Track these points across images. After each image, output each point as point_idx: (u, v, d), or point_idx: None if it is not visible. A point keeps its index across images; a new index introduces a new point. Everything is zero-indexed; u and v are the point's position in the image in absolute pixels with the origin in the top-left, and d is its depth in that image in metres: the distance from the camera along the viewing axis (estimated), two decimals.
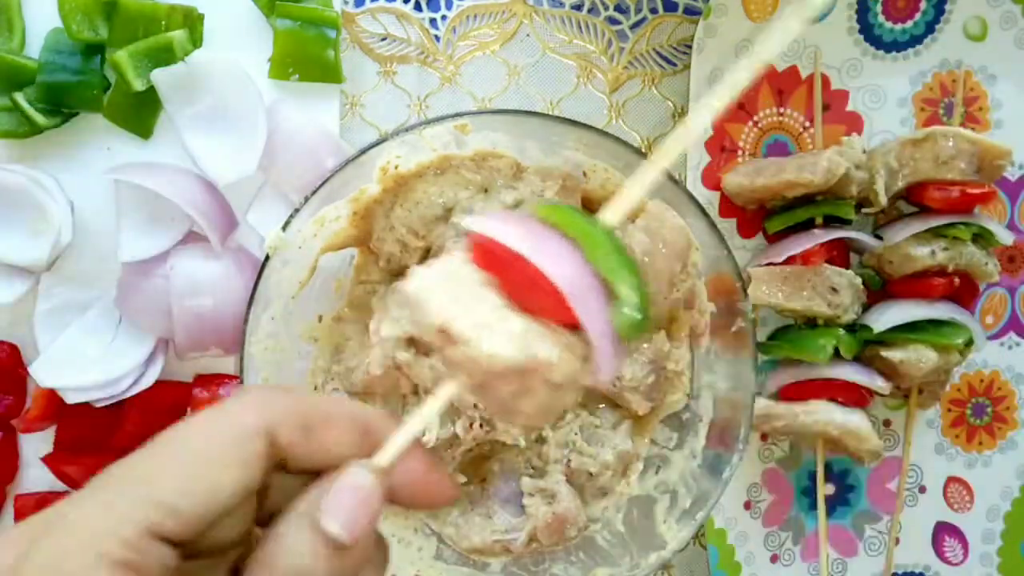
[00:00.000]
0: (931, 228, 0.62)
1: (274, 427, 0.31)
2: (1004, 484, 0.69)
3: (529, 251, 0.31)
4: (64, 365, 0.58)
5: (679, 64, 0.67)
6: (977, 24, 0.66)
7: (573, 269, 0.32)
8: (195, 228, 0.59)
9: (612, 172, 0.56)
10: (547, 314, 0.32)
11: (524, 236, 0.32)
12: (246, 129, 0.59)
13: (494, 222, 0.33)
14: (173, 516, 0.28)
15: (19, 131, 0.59)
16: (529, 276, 0.32)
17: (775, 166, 0.62)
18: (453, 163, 0.56)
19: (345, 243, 0.58)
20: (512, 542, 0.58)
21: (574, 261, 0.32)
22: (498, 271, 0.33)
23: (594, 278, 0.32)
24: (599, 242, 0.32)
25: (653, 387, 0.59)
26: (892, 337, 0.62)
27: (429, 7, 0.65)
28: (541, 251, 0.32)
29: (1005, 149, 0.61)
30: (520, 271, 0.32)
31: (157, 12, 0.60)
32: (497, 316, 0.32)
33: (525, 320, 0.32)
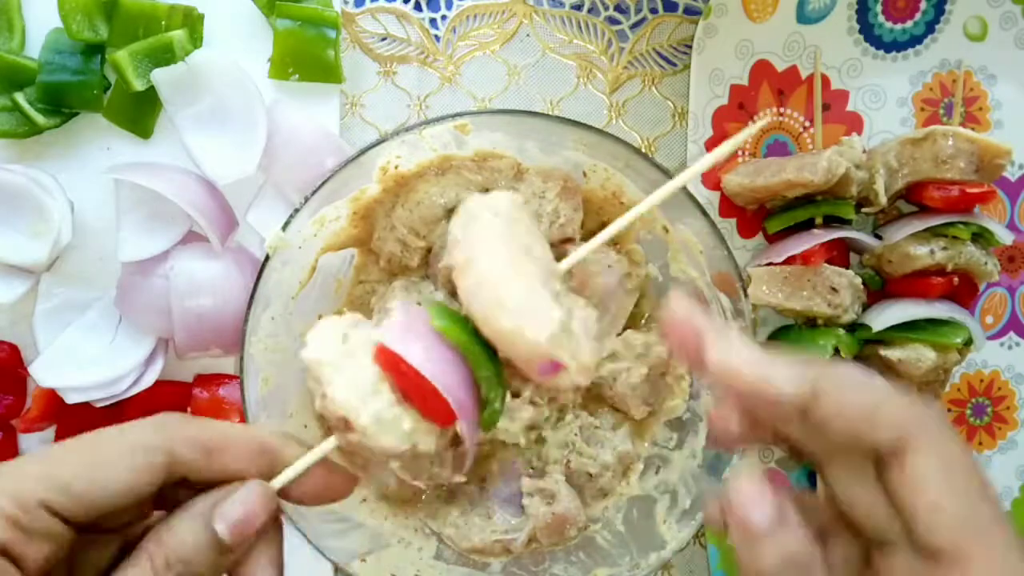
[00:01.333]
0: (930, 227, 0.62)
1: (174, 447, 0.37)
2: (1004, 484, 0.69)
3: (431, 374, 0.38)
4: (64, 365, 0.58)
5: (679, 64, 0.67)
6: (977, 24, 0.66)
7: (461, 386, 0.39)
8: (195, 228, 0.59)
9: (612, 172, 0.56)
10: (430, 414, 0.39)
11: (427, 357, 0.38)
12: (246, 129, 0.59)
13: (402, 338, 0.39)
14: (65, 495, 0.34)
15: (19, 131, 0.59)
16: (426, 389, 0.38)
17: (775, 166, 0.62)
18: (454, 163, 0.56)
19: (345, 243, 0.58)
20: (512, 542, 0.58)
21: (462, 378, 0.39)
22: (397, 375, 0.39)
23: (472, 387, 0.39)
24: (480, 360, 0.39)
25: (651, 393, 0.59)
26: (891, 336, 0.62)
27: (429, 7, 0.65)
28: (441, 374, 0.38)
29: (1004, 148, 0.61)
30: (417, 382, 0.38)
31: (157, 12, 0.60)
32: (392, 414, 0.38)
33: (413, 418, 0.39)
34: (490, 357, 0.39)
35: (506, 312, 0.37)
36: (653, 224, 0.57)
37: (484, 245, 0.39)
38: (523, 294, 0.38)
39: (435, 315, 0.39)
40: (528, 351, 0.38)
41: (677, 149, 0.67)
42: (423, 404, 0.38)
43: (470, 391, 0.39)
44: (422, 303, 0.42)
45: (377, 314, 0.56)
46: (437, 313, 0.39)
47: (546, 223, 0.55)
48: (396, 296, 0.56)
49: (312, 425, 0.58)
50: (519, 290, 0.38)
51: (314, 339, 0.40)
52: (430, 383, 0.38)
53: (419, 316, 0.40)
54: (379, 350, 0.39)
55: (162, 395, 0.60)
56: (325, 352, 0.39)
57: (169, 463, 0.37)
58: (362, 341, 0.40)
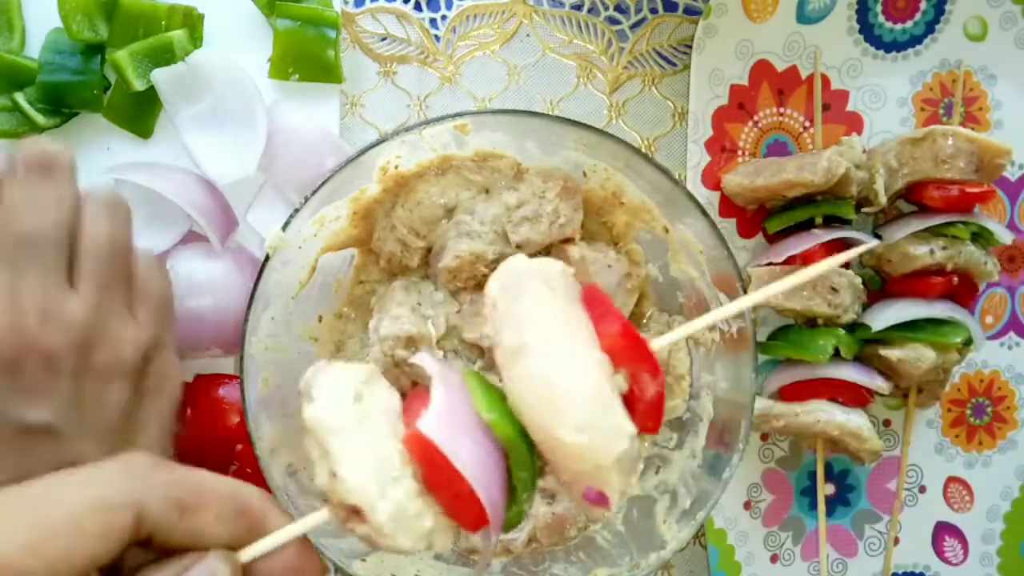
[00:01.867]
0: (930, 227, 0.62)
1: (145, 503, 0.31)
2: (1004, 484, 0.69)
3: (473, 477, 0.32)
4: None
5: (679, 64, 0.67)
6: (977, 24, 0.66)
7: (498, 489, 0.34)
8: (195, 228, 0.59)
9: (612, 172, 0.56)
10: (457, 516, 0.34)
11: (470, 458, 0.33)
12: (246, 128, 0.59)
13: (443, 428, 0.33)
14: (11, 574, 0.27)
15: (19, 131, 0.59)
16: (461, 490, 0.33)
17: (775, 166, 0.62)
18: (454, 163, 0.56)
19: (345, 243, 0.58)
20: (512, 542, 0.58)
21: (500, 479, 0.34)
22: (429, 467, 0.33)
23: (506, 488, 0.35)
24: (523, 459, 0.34)
25: None
26: (890, 336, 0.62)
27: (429, 7, 0.65)
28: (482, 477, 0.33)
29: (1004, 148, 0.61)
30: (452, 481, 0.33)
31: (157, 12, 0.60)
32: (414, 509, 0.33)
33: (435, 515, 0.34)
34: (532, 456, 0.35)
35: (572, 426, 0.32)
36: (653, 224, 0.57)
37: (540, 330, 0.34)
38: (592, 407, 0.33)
39: (483, 403, 0.34)
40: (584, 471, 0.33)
41: (677, 149, 0.67)
42: (451, 503, 0.34)
43: (503, 492, 0.35)
44: (463, 375, 0.37)
45: (377, 313, 0.56)
46: (487, 401, 0.34)
47: (546, 223, 0.55)
48: (396, 297, 0.56)
49: None
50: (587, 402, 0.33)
51: (321, 393, 0.34)
52: (469, 486, 0.33)
53: (460, 396, 0.35)
54: (415, 438, 0.33)
55: None
56: (335, 414, 0.33)
57: (137, 521, 0.30)
58: (380, 405, 0.35)
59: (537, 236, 0.55)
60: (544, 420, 0.33)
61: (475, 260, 0.55)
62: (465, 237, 0.55)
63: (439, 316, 0.56)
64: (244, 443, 0.58)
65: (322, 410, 0.33)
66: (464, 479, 0.33)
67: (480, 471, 0.33)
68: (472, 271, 0.56)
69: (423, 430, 0.33)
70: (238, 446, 0.59)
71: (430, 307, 0.56)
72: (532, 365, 0.33)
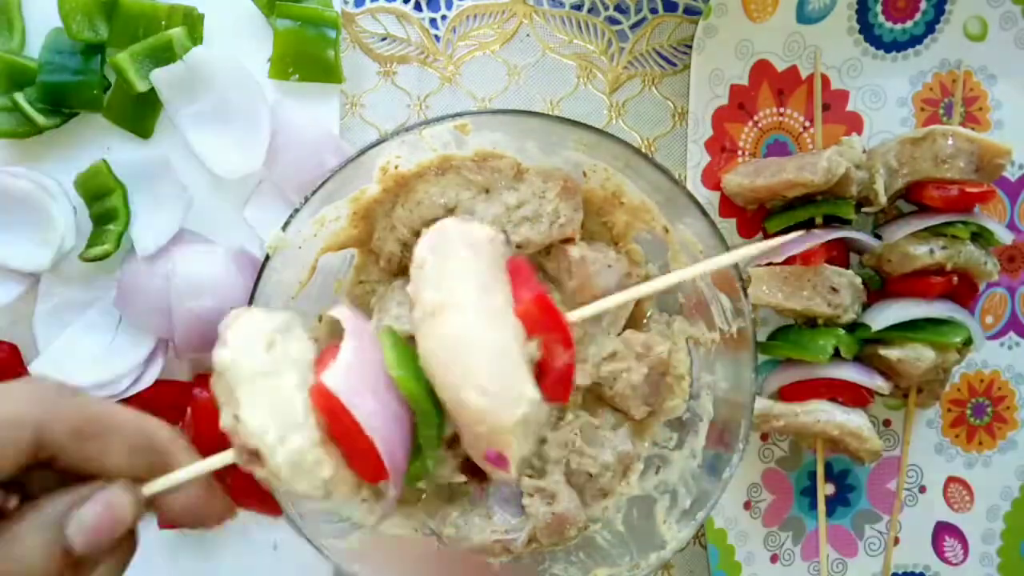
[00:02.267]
0: (930, 227, 0.62)
1: (46, 424, 0.31)
2: (1004, 484, 0.69)
3: (375, 433, 0.33)
4: (64, 364, 0.58)
5: (679, 64, 0.67)
6: (977, 24, 0.66)
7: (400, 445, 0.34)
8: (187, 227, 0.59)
9: (612, 172, 0.56)
10: (358, 468, 0.34)
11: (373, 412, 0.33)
12: (250, 123, 0.59)
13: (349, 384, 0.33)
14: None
15: (19, 131, 0.59)
16: (363, 445, 0.33)
17: (775, 166, 0.62)
18: (454, 163, 0.56)
19: (345, 243, 0.58)
20: (512, 542, 0.58)
21: (403, 435, 0.34)
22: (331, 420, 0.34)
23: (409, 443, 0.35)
24: (428, 418, 0.35)
25: (651, 393, 0.59)
26: (890, 336, 0.62)
27: (429, 7, 0.65)
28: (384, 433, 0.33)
29: (1004, 148, 0.61)
30: (354, 436, 0.33)
31: (157, 12, 0.60)
32: (312, 457, 0.33)
33: (334, 465, 0.34)
34: (438, 414, 0.35)
35: (475, 388, 0.33)
36: (653, 224, 0.57)
37: (459, 291, 0.34)
38: (497, 370, 0.33)
39: (393, 360, 0.35)
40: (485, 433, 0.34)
41: (677, 149, 0.67)
42: (353, 456, 0.34)
43: (406, 448, 0.35)
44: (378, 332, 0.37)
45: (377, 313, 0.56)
46: (395, 357, 0.35)
47: (546, 223, 0.55)
48: (396, 296, 0.56)
49: None
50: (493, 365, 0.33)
51: (234, 337, 0.34)
52: (371, 441, 0.33)
53: (371, 351, 0.35)
54: (318, 391, 0.34)
55: (162, 395, 0.60)
56: (245, 359, 0.34)
57: (36, 441, 0.31)
58: (292, 355, 0.35)
59: (537, 236, 0.55)
60: (451, 380, 0.33)
61: None
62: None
63: None
64: None
65: (232, 354, 0.34)
66: (364, 433, 0.33)
67: (382, 426, 0.33)
68: None
69: (326, 382, 0.33)
70: None
71: None
72: (444, 325, 0.34)
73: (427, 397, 0.35)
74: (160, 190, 0.59)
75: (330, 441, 0.34)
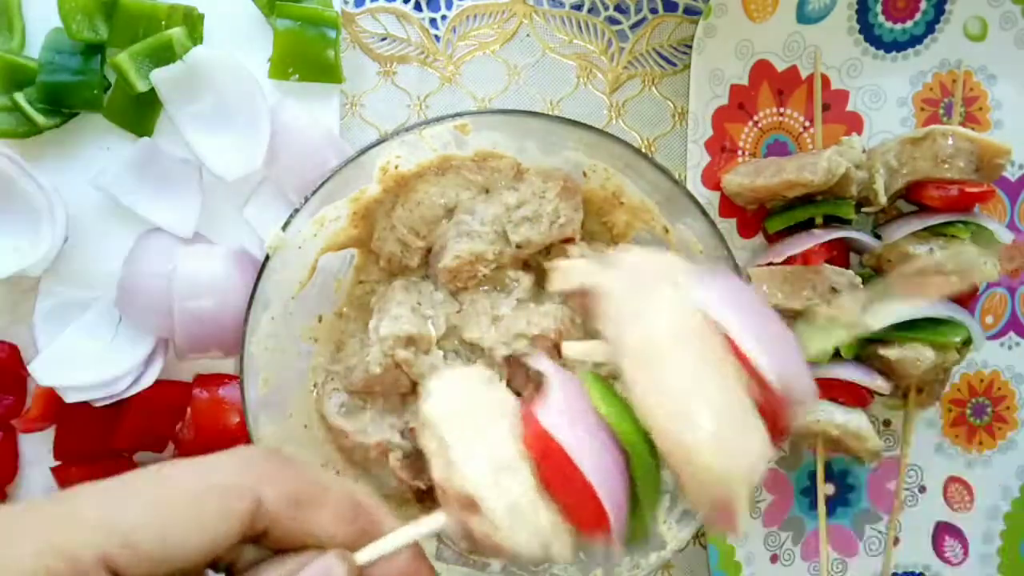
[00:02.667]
0: (930, 227, 0.62)
1: (263, 492, 0.30)
2: (1004, 484, 0.69)
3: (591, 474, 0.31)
4: (63, 364, 0.58)
5: (679, 64, 0.67)
6: (977, 24, 0.66)
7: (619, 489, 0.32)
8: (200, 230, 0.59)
9: (612, 172, 0.56)
10: (576, 516, 0.32)
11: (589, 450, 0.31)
12: (250, 123, 0.59)
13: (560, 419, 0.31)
14: (130, 549, 0.26)
15: (19, 131, 0.59)
16: (578, 486, 0.31)
17: (775, 166, 0.62)
18: (454, 163, 0.56)
19: (345, 243, 0.58)
20: None
21: (621, 479, 0.32)
22: (545, 462, 0.32)
23: (627, 492, 0.33)
24: (646, 463, 0.32)
25: None
26: (890, 335, 0.62)
27: (429, 7, 0.65)
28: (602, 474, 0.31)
29: (1004, 148, 0.61)
30: (570, 476, 0.31)
31: (157, 12, 0.60)
32: (528, 501, 0.31)
33: (552, 514, 0.32)
34: (656, 461, 0.33)
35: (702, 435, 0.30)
36: (653, 224, 0.57)
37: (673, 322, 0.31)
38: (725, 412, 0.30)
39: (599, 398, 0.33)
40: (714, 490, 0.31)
41: (677, 149, 0.67)
42: (572, 504, 0.32)
43: (626, 495, 0.33)
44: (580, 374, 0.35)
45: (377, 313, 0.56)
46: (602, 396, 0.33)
47: (546, 223, 0.55)
48: (396, 296, 0.56)
49: (312, 424, 0.58)
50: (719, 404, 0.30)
51: (441, 388, 0.34)
52: (589, 484, 0.31)
53: (576, 390, 0.33)
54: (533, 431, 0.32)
55: (162, 395, 0.60)
56: (454, 408, 0.33)
57: (254, 511, 0.29)
58: (497, 405, 0.34)
59: (537, 236, 0.55)
60: (673, 428, 0.31)
61: (475, 260, 0.55)
62: (465, 237, 0.55)
63: (439, 316, 0.56)
64: (244, 443, 0.58)
65: (440, 404, 0.33)
66: (583, 475, 0.31)
67: (601, 470, 0.31)
68: (472, 271, 0.56)
69: (542, 421, 0.32)
70: None
71: (430, 307, 0.56)
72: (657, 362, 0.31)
73: (643, 441, 0.32)
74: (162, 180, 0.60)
75: (546, 490, 0.32)
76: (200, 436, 0.60)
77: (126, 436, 0.60)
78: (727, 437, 0.30)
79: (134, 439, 0.61)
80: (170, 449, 0.62)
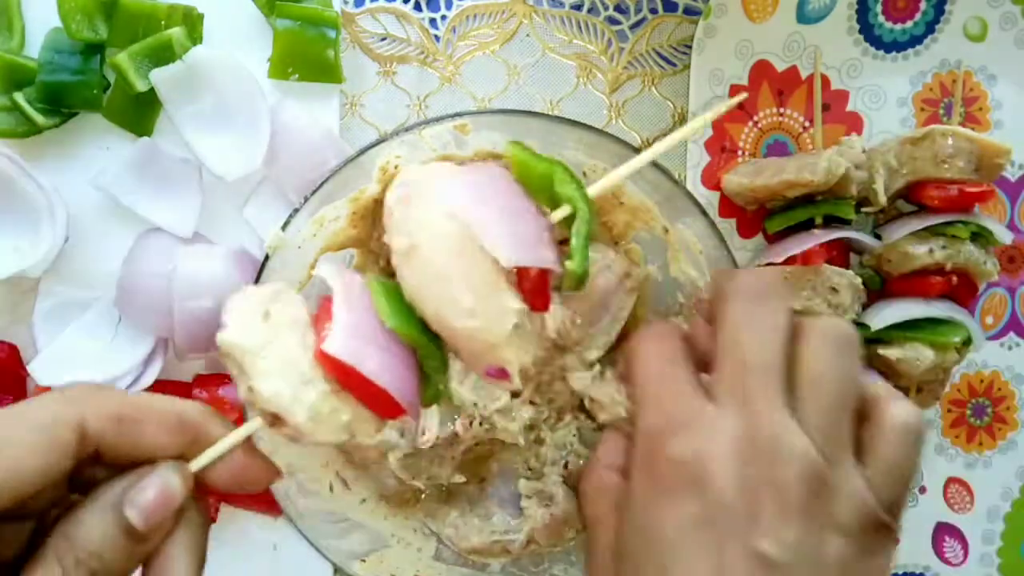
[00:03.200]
0: (929, 227, 0.62)
1: (85, 419, 0.34)
2: (1004, 484, 0.69)
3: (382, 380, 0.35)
4: (63, 363, 0.58)
5: (679, 64, 0.67)
6: (977, 24, 0.66)
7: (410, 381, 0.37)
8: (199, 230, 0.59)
9: None
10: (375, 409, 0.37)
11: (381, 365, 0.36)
12: (249, 123, 0.59)
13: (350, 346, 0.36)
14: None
15: (19, 131, 0.59)
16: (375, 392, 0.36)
17: (775, 166, 0.62)
18: None
19: (345, 243, 0.58)
20: (511, 543, 0.58)
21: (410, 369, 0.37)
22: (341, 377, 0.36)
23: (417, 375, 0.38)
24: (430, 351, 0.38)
25: None
26: (889, 335, 0.62)
27: (429, 7, 0.65)
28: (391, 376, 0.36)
29: (1004, 147, 0.61)
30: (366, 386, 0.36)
31: (157, 12, 0.60)
32: (328, 406, 0.36)
33: (351, 408, 0.36)
34: (438, 345, 0.38)
35: (462, 313, 0.35)
36: (653, 224, 0.57)
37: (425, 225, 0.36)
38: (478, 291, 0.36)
39: (385, 309, 0.37)
40: (481, 351, 0.36)
41: (677, 149, 0.67)
42: (367, 400, 0.36)
43: (416, 380, 0.38)
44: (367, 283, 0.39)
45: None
46: (387, 306, 0.37)
47: None
48: None
49: None
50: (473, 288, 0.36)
51: (232, 318, 0.37)
52: (382, 389, 0.36)
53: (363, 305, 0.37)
54: (323, 358, 0.36)
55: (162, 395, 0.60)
56: (246, 333, 0.36)
57: (80, 438, 0.34)
58: (288, 319, 0.37)
59: None
60: (438, 312, 0.36)
61: None
62: None
63: None
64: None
65: (233, 333, 0.36)
66: (374, 383, 0.35)
67: (390, 373, 0.36)
68: None
69: (328, 350, 0.35)
70: None
71: None
72: (422, 263, 0.36)
73: (423, 334, 0.37)
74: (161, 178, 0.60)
75: (342, 390, 0.36)
76: None
77: None
78: (483, 310, 0.35)
79: None
80: None
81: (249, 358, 0.36)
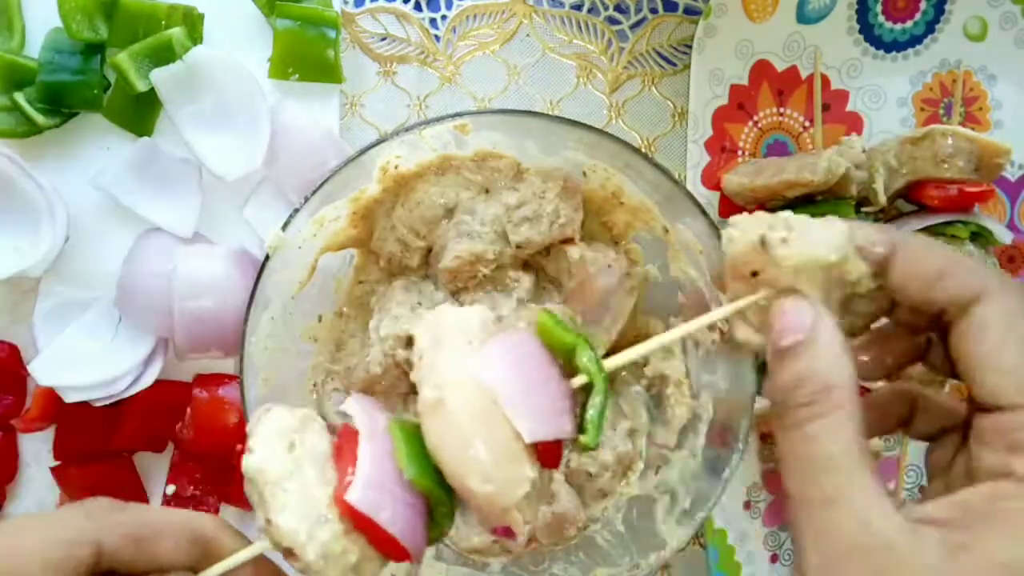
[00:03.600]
0: (929, 226, 0.62)
1: (101, 537, 0.35)
2: None
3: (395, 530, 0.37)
4: (63, 363, 0.58)
5: (679, 64, 0.67)
6: (977, 24, 0.66)
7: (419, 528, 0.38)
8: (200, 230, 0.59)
9: (612, 172, 0.56)
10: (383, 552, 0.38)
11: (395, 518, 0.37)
12: (250, 123, 0.59)
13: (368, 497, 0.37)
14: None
15: (19, 131, 0.59)
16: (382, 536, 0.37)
17: (775, 166, 0.62)
18: (454, 163, 0.56)
19: (345, 243, 0.58)
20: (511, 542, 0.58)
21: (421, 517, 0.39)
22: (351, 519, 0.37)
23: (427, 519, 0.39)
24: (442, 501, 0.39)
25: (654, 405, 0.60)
26: None
27: (429, 7, 0.65)
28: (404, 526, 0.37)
29: (1004, 148, 0.61)
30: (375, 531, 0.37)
31: (157, 12, 0.60)
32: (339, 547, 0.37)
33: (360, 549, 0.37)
34: (450, 496, 0.39)
35: (479, 477, 0.36)
36: (653, 224, 0.57)
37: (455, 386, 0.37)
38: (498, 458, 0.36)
39: (405, 458, 0.38)
40: (492, 512, 0.37)
41: (677, 149, 0.67)
42: (377, 544, 0.38)
43: (425, 527, 0.39)
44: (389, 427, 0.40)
45: (378, 313, 0.56)
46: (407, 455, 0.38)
47: (546, 223, 0.55)
48: (396, 296, 0.56)
49: None
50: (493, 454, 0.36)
51: (258, 443, 0.38)
52: (394, 537, 0.37)
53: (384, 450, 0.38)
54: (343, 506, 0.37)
55: (162, 395, 0.60)
56: (270, 463, 0.37)
57: (96, 555, 0.35)
58: (311, 451, 0.38)
59: (537, 236, 0.55)
60: (457, 469, 0.37)
61: (475, 260, 0.55)
62: (465, 237, 0.55)
63: None
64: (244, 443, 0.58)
65: (259, 460, 0.37)
66: (386, 531, 0.37)
67: (402, 523, 0.37)
68: (472, 271, 0.56)
69: (349, 500, 0.37)
70: (238, 446, 0.59)
71: (430, 307, 0.56)
72: (447, 418, 0.37)
73: (439, 487, 0.38)
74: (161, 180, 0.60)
75: (354, 531, 0.37)
76: (200, 436, 0.60)
77: (126, 436, 0.60)
78: (499, 476, 0.36)
79: (134, 439, 0.61)
80: (170, 449, 0.62)
81: (270, 489, 0.37)
